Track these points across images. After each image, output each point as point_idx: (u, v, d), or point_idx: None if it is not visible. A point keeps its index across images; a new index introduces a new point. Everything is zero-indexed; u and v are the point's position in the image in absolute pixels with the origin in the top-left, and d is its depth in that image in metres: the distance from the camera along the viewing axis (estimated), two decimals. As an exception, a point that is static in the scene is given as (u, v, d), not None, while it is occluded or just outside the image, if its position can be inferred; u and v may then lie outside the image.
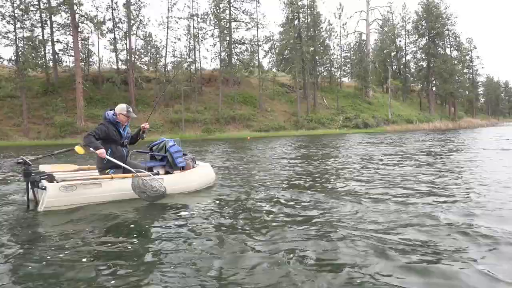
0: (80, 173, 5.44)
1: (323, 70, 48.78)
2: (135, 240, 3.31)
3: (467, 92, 61.04)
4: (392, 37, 53.38)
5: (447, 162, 8.90)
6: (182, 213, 4.29)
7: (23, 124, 28.66)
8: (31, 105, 30.28)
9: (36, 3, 32.25)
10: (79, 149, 4.94)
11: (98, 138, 4.99)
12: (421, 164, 8.60)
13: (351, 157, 10.80)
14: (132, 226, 3.83)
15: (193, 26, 39.00)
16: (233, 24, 39.59)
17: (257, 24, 40.27)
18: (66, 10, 31.68)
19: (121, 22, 36.24)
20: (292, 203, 4.63)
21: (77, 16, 31.15)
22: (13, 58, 30.78)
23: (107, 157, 4.94)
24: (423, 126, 43.04)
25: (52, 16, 32.97)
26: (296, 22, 41.55)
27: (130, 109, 5.36)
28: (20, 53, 29.95)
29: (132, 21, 35.63)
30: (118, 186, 4.89)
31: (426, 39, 52.43)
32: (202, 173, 6.06)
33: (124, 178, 4.96)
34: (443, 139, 20.25)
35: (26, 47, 30.40)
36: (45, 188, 4.43)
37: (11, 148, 22.39)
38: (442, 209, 4.11)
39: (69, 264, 2.76)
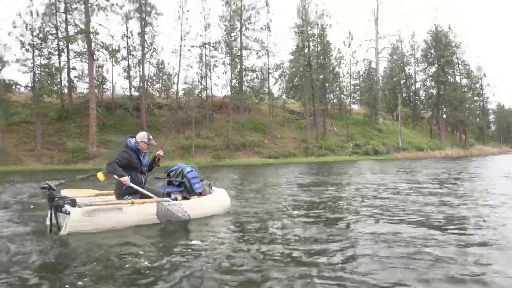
0: (99, 198, 5.58)
1: (332, 97, 49.13)
2: (153, 265, 3.39)
3: (477, 119, 60.78)
4: (402, 65, 53.88)
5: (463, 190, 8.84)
6: (200, 239, 4.36)
7: (37, 149, 29.12)
8: (45, 131, 30.83)
9: (54, 32, 33.36)
10: (100, 176, 5.10)
11: (121, 165, 5.15)
12: (439, 193, 8.55)
13: (367, 186, 10.77)
14: (151, 251, 3.93)
15: (205, 54, 39.86)
16: (244, 52, 40.34)
17: (267, 52, 41.01)
18: (83, 38, 32.71)
19: (135, 50, 37.20)
20: (306, 232, 4.65)
21: (93, 44, 32.10)
22: (30, 85, 31.64)
23: (131, 184, 5.10)
24: (434, 154, 42.69)
25: (69, 44, 34.00)
26: (306, 50, 42.18)
27: (151, 137, 5.61)
28: (36, 80, 30.79)
29: (146, 49, 36.55)
30: (138, 211, 5.04)
31: (436, 67, 52.71)
32: (218, 199, 6.21)
33: (144, 203, 5.11)
34: (457, 167, 20.07)
35: (43, 74, 31.24)
36: (68, 213, 4.57)
37: (24, 173, 22.71)
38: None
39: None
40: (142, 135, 5.55)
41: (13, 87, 30.09)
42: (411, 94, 56.22)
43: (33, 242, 4.29)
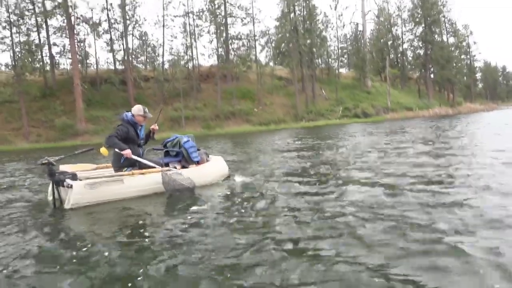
0: (98, 171, 5.64)
1: (320, 62, 48.71)
2: (154, 234, 3.43)
3: (465, 78, 61.03)
4: (388, 26, 53.29)
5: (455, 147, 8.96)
6: (201, 207, 4.39)
7: (23, 128, 28.70)
8: (29, 109, 30.22)
9: (31, 7, 32.22)
10: (103, 151, 5.17)
11: (119, 139, 5.22)
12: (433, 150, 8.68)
13: (357, 147, 10.87)
14: (153, 220, 4.00)
15: (189, 23, 38.96)
16: (229, 20, 39.51)
17: (253, 19, 40.24)
18: (61, 13, 31.68)
19: (117, 23, 36.20)
20: (304, 194, 4.69)
21: (72, 18, 31.14)
22: (10, 63, 30.84)
23: (134, 156, 5.19)
24: (423, 113, 43.05)
25: (48, 19, 32.93)
26: (292, 15, 41.42)
27: (147, 110, 5.63)
28: (17, 58, 29.97)
29: (128, 21, 35.61)
30: (139, 182, 5.12)
31: (423, 27, 52.31)
32: (216, 166, 6.29)
33: (144, 174, 5.19)
34: (446, 126, 20.31)
35: (23, 51, 30.39)
36: (70, 186, 4.63)
37: (13, 153, 22.46)
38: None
39: (95, 257, 2.85)
40: (138, 108, 5.56)
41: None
42: (399, 55, 55.95)
43: (38, 218, 4.33)
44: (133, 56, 37.28)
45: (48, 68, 34.78)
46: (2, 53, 32.51)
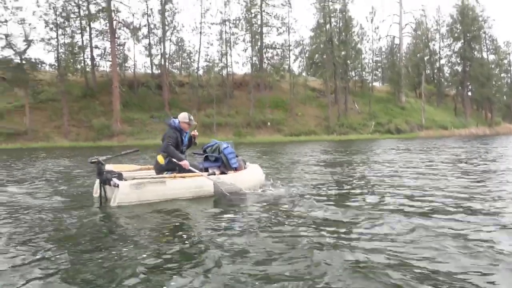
0: (141, 172, 5.82)
1: (354, 75, 48.23)
2: (191, 236, 3.53)
3: (504, 97, 59.00)
4: (426, 40, 52.25)
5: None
6: (237, 213, 4.46)
7: (64, 127, 29.84)
8: (71, 109, 31.45)
9: (77, 10, 33.61)
10: (160, 159, 5.51)
11: (172, 146, 5.43)
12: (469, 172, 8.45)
13: (392, 166, 10.70)
14: (191, 222, 4.13)
15: (225, 31, 39.57)
16: (265, 29, 39.93)
17: (288, 29, 40.42)
18: (105, 17, 32.90)
19: (156, 28, 37.24)
20: (339, 208, 4.63)
21: (114, 22, 32.28)
22: (54, 64, 32.21)
23: (191, 168, 5.42)
24: (459, 132, 41.88)
25: (91, 23, 34.27)
26: (327, 26, 41.35)
27: (192, 118, 5.78)
28: (61, 58, 31.29)
29: (166, 27, 36.54)
30: (180, 185, 5.27)
31: (462, 43, 51.01)
32: (253, 173, 6.36)
33: (184, 178, 5.34)
34: (484, 147, 19.65)
35: (67, 52, 31.70)
36: (117, 186, 4.83)
37: (54, 149, 23.39)
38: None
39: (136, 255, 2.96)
40: (183, 116, 5.72)
41: (39, 65, 30.60)
42: (435, 71, 54.67)
43: (84, 214, 4.52)
44: (170, 62, 38.14)
45: (89, 69, 36.05)
46: (48, 54, 33.83)
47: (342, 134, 35.73)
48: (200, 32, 39.15)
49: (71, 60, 31.89)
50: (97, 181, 5.16)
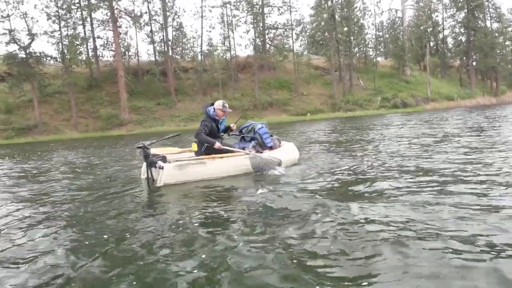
0: (183, 154, 6.18)
1: (357, 51, 47.86)
2: (230, 212, 3.77)
3: (509, 66, 58.41)
4: (429, 12, 51.52)
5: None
6: (272, 190, 4.69)
7: (73, 119, 30.17)
8: (77, 100, 31.71)
9: (77, 1, 33.49)
10: (194, 146, 5.99)
11: (206, 133, 5.80)
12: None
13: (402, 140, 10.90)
14: (229, 199, 4.39)
15: (227, 14, 39.34)
16: (266, 10, 39.61)
17: (290, 8, 40.08)
18: (105, 6, 32.80)
19: (157, 15, 37.09)
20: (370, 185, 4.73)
21: (116, 11, 32.18)
22: (58, 56, 32.30)
23: (223, 147, 5.78)
24: (465, 103, 41.72)
25: (92, 13, 34.19)
26: (329, 3, 40.87)
27: (226, 105, 6.05)
28: (65, 50, 31.38)
29: (168, 13, 36.37)
30: (219, 165, 5.67)
31: (465, 12, 50.28)
32: (288, 151, 6.70)
33: (222, 158, 5.71)
34: (492, 116, 19.73)
35: (70, 44, 31.78)
36: (162, 168, 5.24)
37: (65, 142, 23.74)
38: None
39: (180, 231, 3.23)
40: (218, 103, 6.03)
41: (44, 59, 30.73)
42: (439, 42, 54.07)
43: (136, 194, 4.98)
44: (173, 48, 38.10)
45: (93, 60, 36.16)
46: (51, 46, 33.95)
47: (348, 111, 35.78)
48: (202, 16, 38.97)
49: (76, 52, 31.96)
50: (144, 164, 5.56)
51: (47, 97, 31.95)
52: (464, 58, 52.00)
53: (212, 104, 6.09)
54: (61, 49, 31.84)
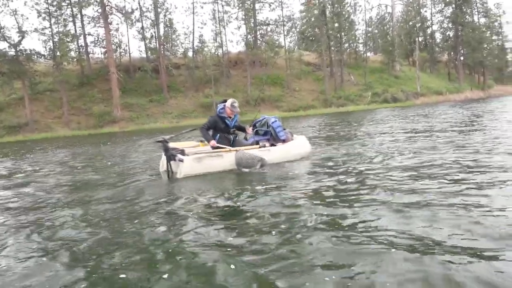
0: (201, 148, 6.48)
1: (348, 47, 48.16)
2: (245, 202, 4.06)
3: (496, 60, 59.36)
4: (418, 7, 52.08)
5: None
6: (285, 181, 4.96)
7: (64, 116, 29.97)
8: (69, 98, 31.47)
9: (67, -2, 33.19)
10: (202, 145, 6.50)
11: (209, 128, 6.18)
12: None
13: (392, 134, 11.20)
14: (243, 191, 4.60)
15: (218, 10, 39.29)
16: (257, 6, 39.68)
17: (281, 4, 40.19)
18: (96, 3, 32.56)
19: (148, 11, 36.91)
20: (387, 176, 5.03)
21: (107, 8, 31.98)
22: (49, 53, 31.98)
23: (217, 144, 6.08)
24: (453, 97, 42.43)
25: (83, 10, 33.91)
26: (320, -1, 41.05)
27: (235, 104, 6.35)
28: (56, 47, 31.08)
29: (159, 9, 36.24)
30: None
31: (453, 7, 50.95)
32: (300, 144, 7.01)
33: (237, 151, 6.01)
34: (479, 110, 20.20)
35: (61, 41, 31.47)
36: (182, 160, 5.61)
37: (58, 140, 23.64)
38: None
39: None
40: (228, 102, 6.35)
41: (34, 56, 30.44)
42: (428, 37, 54.77)
43: (157, 186, 5.38)
44: (165, 44, 37.97)
45: (84, 57, 35.88)
46: (42, 44, 33.63)
47: (340, 106, 36.15)
48: (193, 12, 38.89)
49: (67, 49, 31.65)
50: (163, 157, 5.89)
51: (38, 95, 31.61)
52: (452, 53, 52.76)
53: (225, 101, 6.38)
54: (51, 46, 31.51)
